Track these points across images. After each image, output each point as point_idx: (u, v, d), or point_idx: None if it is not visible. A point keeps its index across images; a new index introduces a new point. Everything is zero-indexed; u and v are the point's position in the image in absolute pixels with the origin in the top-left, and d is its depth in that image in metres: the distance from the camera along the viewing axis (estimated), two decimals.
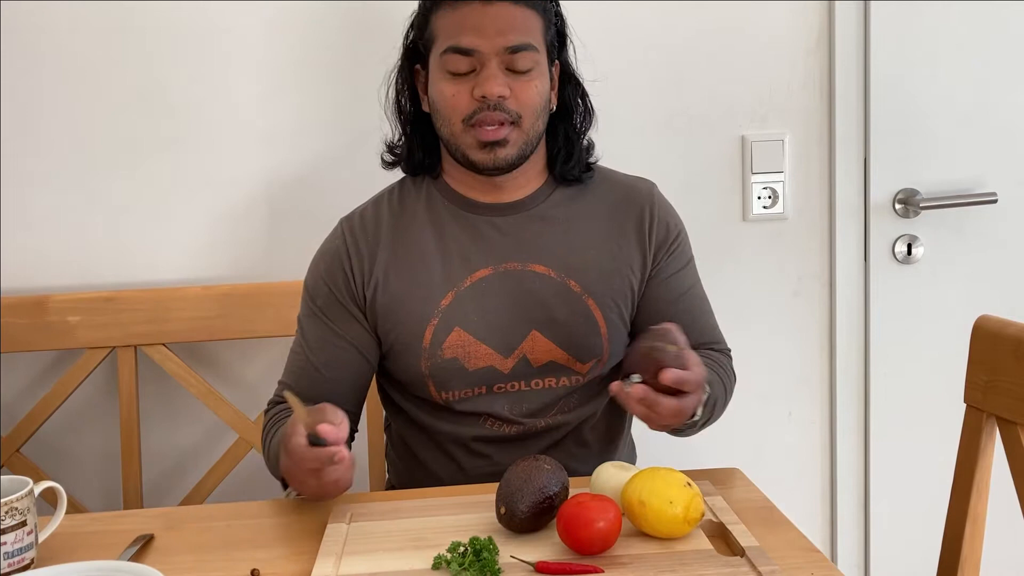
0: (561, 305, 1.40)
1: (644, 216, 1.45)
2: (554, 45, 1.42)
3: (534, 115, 1.37)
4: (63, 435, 1.89)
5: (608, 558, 1.09)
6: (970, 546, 1.27)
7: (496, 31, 1.33)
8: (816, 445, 2.00)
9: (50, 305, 1.78)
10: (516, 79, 1.35)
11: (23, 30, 1.78)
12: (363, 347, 1.43)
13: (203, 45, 1.81)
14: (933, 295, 1.96)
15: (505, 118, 1.34)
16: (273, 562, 1.15)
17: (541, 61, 1.37)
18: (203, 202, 1.85)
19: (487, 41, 1.33)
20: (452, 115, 1.36)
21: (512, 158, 1.37)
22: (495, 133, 1.34)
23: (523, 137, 1.36)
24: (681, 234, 1.48)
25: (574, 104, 1.46)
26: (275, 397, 1.46)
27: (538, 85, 1.36)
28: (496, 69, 1.33)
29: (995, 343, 1.25)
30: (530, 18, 1.36)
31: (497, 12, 1.33)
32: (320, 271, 1.44)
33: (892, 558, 2.00)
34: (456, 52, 1.34)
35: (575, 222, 1.43)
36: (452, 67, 1.35)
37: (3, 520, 1.11)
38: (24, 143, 1.81)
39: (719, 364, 1.44)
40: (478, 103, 1.34)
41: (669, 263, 1.45)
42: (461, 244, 1.41)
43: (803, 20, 1.89)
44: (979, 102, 1.92)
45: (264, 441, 1.43)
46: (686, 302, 1.46)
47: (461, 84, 1.34)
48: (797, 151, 1.92)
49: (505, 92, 1.33)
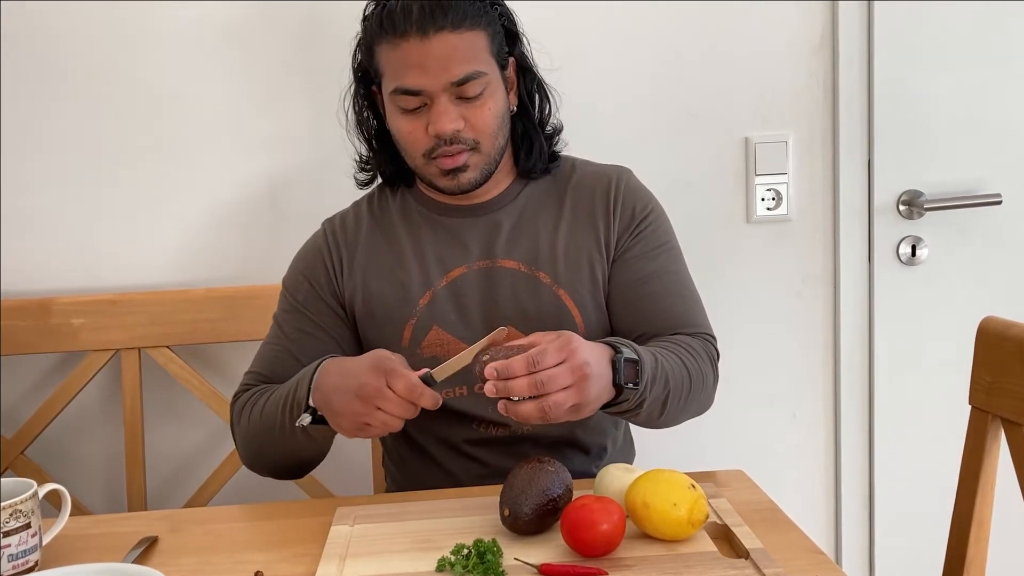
0: (531, 298, 1.40)
1: (608, 198, 1.43)
2: (504, 50, 1.40)
3: (492, 136, 1.37)
4: (67, 437, 1.89)
5: (612, 560, 1.08)
6: (975, 548, 1.27)
7: (440, 67, 1.31)
8: (820, 446, 2.00)
9: (54, 308, 1.78)
10: (468, 106, 1.34)
11: (24, 32, 1.78)
12: (343, 341, 1.44)
13: (206, 48, 1.81)
14: (937, 297, 1.95)
15: (463, 147, 1.35)
16: (277, 564, 1.15)
17: (492, 79, 1.36)
18: (207, 205, 1.85)
19: (432, 79, 1.32)
20: (412, 150, 1.38)
21: (476, 180, 1.38)
22: (454, 160, 1.35)
23: (484, 159, 1.38)
24: (650, 217, 1.44)
25: (532, 98, 1.45)
26: (242, 387, 1.44)
27: (492, 106, 1.36)
28: (446, 104, 1.33)
29: (1000, 344, 1.25)
30: (473, 40, 1.33)
31: (438, 45, 1.31)
32: (300, 268, 1.47)
33: (897, 560, 2.00)
34: (404, 93, 1.34)
35: (543, 214, 1.44)
36: (403, 105, 1.35)
37: (8, 522, 1.11)
38: (26, 146, 1.81)
39: (676, 344, 1.35)
40: (434, 139, 1.34)
41: (634, 245, 1.42)
42: (435, 246, 1.43)
43: (807, 21, 1.89)
44: (983, 103, 1.91)
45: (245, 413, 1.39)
46: (652, 286, 1.41)
47: (416, 120, 1.35)
48: (801, 152, 1.92)
49: (459, 125, 1.34)
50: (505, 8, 1.42)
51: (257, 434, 1.37)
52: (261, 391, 1.39)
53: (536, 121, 1.46)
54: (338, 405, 1.21)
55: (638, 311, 1.41)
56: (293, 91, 1.83)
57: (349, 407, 1.20)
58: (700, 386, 1.34)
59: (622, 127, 1.89)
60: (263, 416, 1.35)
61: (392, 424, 1.20)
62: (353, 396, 1.19)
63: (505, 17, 1.41)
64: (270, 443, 1.35)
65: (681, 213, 1.85)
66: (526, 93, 1.45)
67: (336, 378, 1.23)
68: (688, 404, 1.33)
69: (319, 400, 1.25)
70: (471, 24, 1.33)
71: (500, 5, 1.41)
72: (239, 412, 1.41)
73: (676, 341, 1.35)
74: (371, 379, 1.19)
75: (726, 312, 1.94)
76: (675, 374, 1.28)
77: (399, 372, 1.18)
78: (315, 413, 1.25)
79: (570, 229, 1.42)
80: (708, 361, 1.38)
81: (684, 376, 1.30)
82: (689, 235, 1.87)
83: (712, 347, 1.41)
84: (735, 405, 1.97)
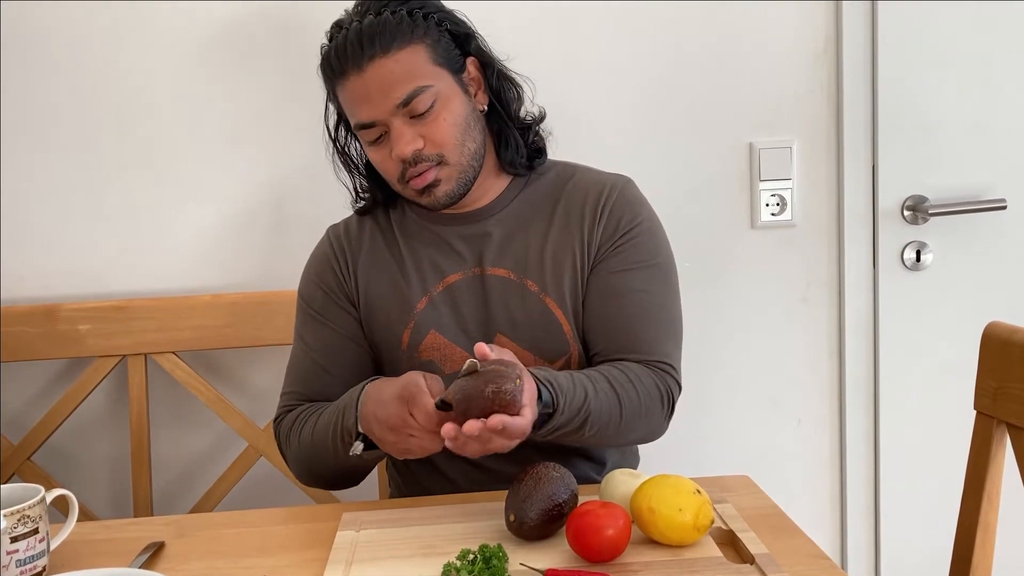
0: (520, 306, 1.40)
1: (597, 205, 1.42)
2: (453, 52, 1.38)
3: (456, 147, 1.37)
4: (74, 443, 1.89)
5: (617, 565, 1.09)
6: (981, 553, 1.26)
7: (381, 95, 1.32)
8: (825, 452, 2.00)
9: (60, 314, 1.79)
10: (423, 124, 1.34)
11: (28, 37, 1.79)
12: (362, 342, 1.46)
13: (212, 54, 1.82)
14: (942, 302, 1.95)
15: (429, 164, 1.36)
16: (283, 570, 1.15)
17: (441, 89, 1.35)
18: (213, 211, 1.86)
19: (377, 108, 1.33)
20: (388, 177, 1.41)
21: (453, 192, 1.39)
22: (424, 179, 1.36)
23: (455, 170, 1.38)
24: (636, 230, 1.41)
25: (498, 91, 1.43)
26: (283, 409, 1.46)
27: (447, 117, 1.35)
28: (401, 127, 1.34)
29: (1005, 349, 1.25)
30: (410, 58, 1.33)
31: (374, 74, 1.32)
32: (312, 276, 1.49)
33: (902, 565, 1.99)
34: (361, 128, 1.37)
35: (536, 221, 1.44)
36: (367, 138, 1.38)
37: (15, 528, 1.11)
38: (31, 151, 1.82)
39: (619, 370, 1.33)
40: (400, 164, 1.36)
41: (613, 259, 1.40)
42: (431, 253, 1.44)
43: (810, 26, 1.89)
44: (988, 107, 1.91)
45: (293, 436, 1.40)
46: (621, 305, 1.38)
47: (382, 149, 1.38)
48: (805, 158, 1.92)
49: (417, 145, 1.34)
50: (446, 13, 1.39)
51: (309, 456, 1.38)
52: (306, 413, 1.41)
53: (507, 114, 1.44)
54: (379, 433, 1.24)
55: (601, 327, 1.39)
56: (298, 97, 1.83)
57: (385, 437, 1.23)
58: (636, 418, 1.32)
59: (625, 133, 1.89)
60: (314, 440, 1.36)
61: (430, 448, 1.21)
62: (386, 428, 1.22)
63: (447, 22, 1.38)
64: (323, 463, 1.37)
65: (685, 219, 1.86)
66: (491, 89, 1.43)
67: (373, 406, 1.25)
68: (620, 433, 1.33)
69: (365, 427, 1.27)
70: (401, 43, 1.33)
71: (438, 12, 1.38)
72: (286, 436, 1.43)
73: (623, 368, 1.34)
74: (396, 409, 1.21)
75: (730, 317, 1.94)
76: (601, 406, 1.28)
77: (419, 402, 1.19)
78: (366, 439, 1.28)
79: (558, 235, 1.42)
80: (657, 393, 1.35)
81: (614, 407, 1.29)
82: (693, 241, 1.89)
83: (668, 378, 1.37)
84: (741, 410, 1.97)
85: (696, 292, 1.86)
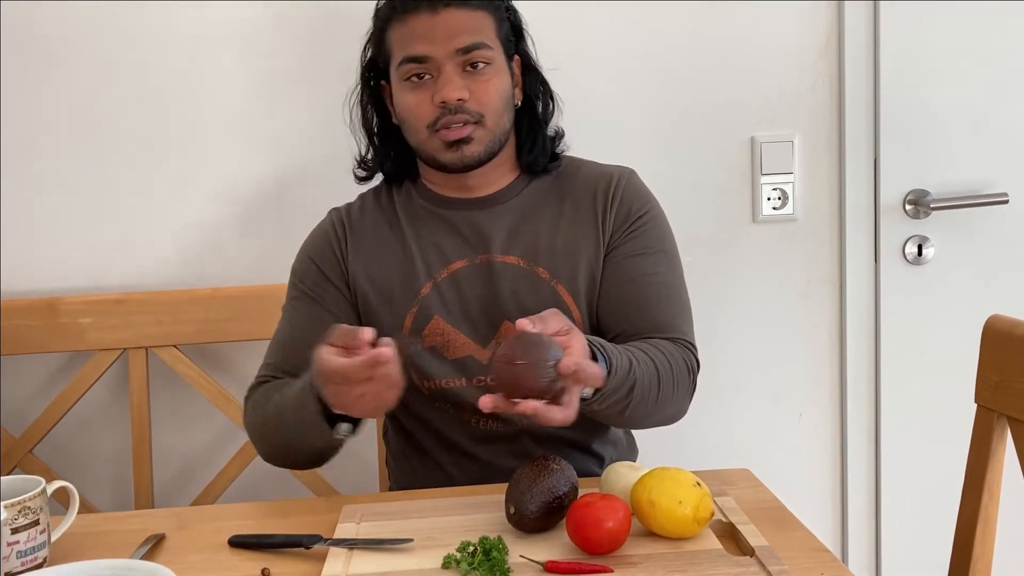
0: (530, 293, 1.41)
1: (607, 195, 1.44)
2: (510, 40, 1.44)
3: (496, 113, 1.39)
4: (75, 436, 1.89)
5: (617, 558, 1.09)
6: (981, 546, 1.27)
7: (447, 36, 1.36)
8: (826, 446, 2.00)
9: (61, 307, 1.79)
10: (474, 79, 1.37)
11: (28, 31, 1.79)
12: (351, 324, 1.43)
13: (213, 47, 1.82)
14: (944, 296, 1.95)
15: (467, 119, 1.37)
16: (283, 562, 1.15)
17: (497, 58, 1.39)
18: (214, 204, 1.86)
19: (438, 46, 1.35)
20: (417, 123, 1.39)
21: (480, 154, 1.39)
22: (459, 132, 1.37)
23: (488, 135, 1.39)
24: (645, 217, 1.44)
25: (536, 95, 1.47)
26: (257, 380, 1.44)
27: (496, 83, 1.39)
28: (452, 73, 1.36)
29: (1006, 343, 1.25)
30: (480, 19, 1.39)
31: (446, 18, 1.36)
32: (308, 251, 1.49)
33: (903, 558, 2.00)
34: (411, 61, 1.37)
35: (545, 211, 1.45)
36: (409, 74, 1.38)
37: (16, 519, 1.12)
38: (31, 144, 1.82)
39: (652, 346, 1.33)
40: (439, 109, 1.36)
41: (626, 244, 1.42)
42: (438, 238, 1.44)
43: (812, 21, 1.89)
44: (989, 102, 1.91)
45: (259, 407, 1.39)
46: (637, 286, 1.40)
47: (422, 92, 1.38)
48: (807, 152, 1.92)
49: (464, 95, 1.36)
50: (512, 5, 1.46)
51: (273, 430, 1.37)
52: (275, 388, 1.39)
53: (540, 118, 1.47)
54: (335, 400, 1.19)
55: (621, 310, 1.41)
56: (300, 90, 1.83)
57: (338, 398, 1.18)
58: (671, 390, 1.32)
59: (627, 127, 1.89)
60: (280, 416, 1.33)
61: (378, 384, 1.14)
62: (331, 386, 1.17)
63: (512, 12, 1.46)
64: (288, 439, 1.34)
65: (687, 213, 1.86)
66: (532, 91, 1.47)
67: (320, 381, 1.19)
68: (657, 407, 1.31)
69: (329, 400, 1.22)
70: (479, 5, 1.39)
71: (507, 1, 1.45)
72: (252, 405, 1.41)
73: (653, 343, 1.35)
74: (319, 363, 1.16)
75: (732, 311, 1.94)
76: (644, 375, 1.26)
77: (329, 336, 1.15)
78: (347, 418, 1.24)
79: (569, 225, 1.43)
80: (685, 367, 1.36)
81: (653, 377, 1.28)
82: (695, 235, 1.88)
83: (691, 355, 1.39)
84: (742, 404, 1.97)
85: (698, 286, 1.84)
